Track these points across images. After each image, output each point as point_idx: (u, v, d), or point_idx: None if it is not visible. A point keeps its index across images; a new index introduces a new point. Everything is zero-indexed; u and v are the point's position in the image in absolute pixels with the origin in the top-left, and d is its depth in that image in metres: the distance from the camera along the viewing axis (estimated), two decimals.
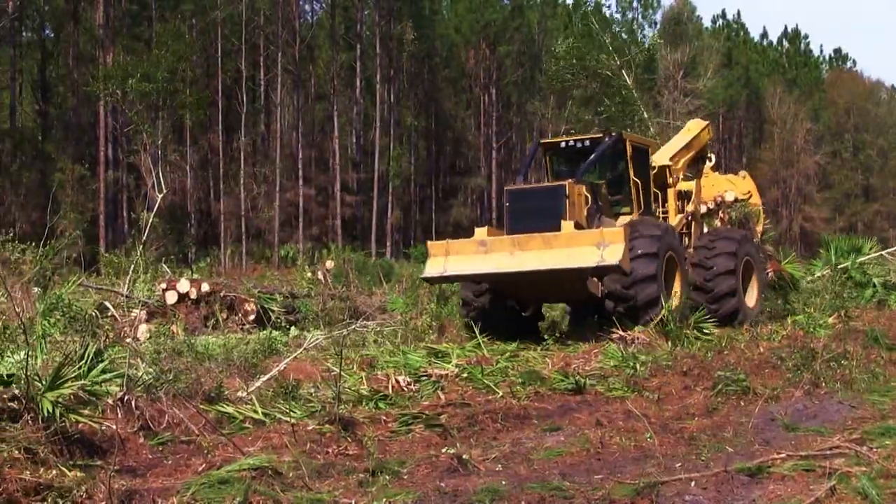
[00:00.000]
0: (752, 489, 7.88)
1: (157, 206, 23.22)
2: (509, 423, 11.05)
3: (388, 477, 8.56)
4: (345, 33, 75.70)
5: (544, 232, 17.17)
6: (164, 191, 27.50)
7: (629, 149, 19.53)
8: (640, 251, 17.22)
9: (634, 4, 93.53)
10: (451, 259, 17.74)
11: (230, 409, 10.98)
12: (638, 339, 16.49)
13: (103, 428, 9.51)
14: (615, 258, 16.46)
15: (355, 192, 73.30)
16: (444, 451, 9.59)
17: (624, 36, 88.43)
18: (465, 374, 13.37)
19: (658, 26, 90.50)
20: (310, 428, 10.39)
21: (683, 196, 21.31)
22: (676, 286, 18.55)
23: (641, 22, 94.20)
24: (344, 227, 68.95)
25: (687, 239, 20.90)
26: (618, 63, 33.95)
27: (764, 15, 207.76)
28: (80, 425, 9.29)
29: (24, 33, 65.81)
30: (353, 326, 12.46)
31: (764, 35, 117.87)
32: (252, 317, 18.49)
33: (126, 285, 19.29)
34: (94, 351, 10.59)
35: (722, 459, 8.72)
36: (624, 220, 18.92)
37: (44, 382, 9.30)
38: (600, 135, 19.79)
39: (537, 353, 16.03)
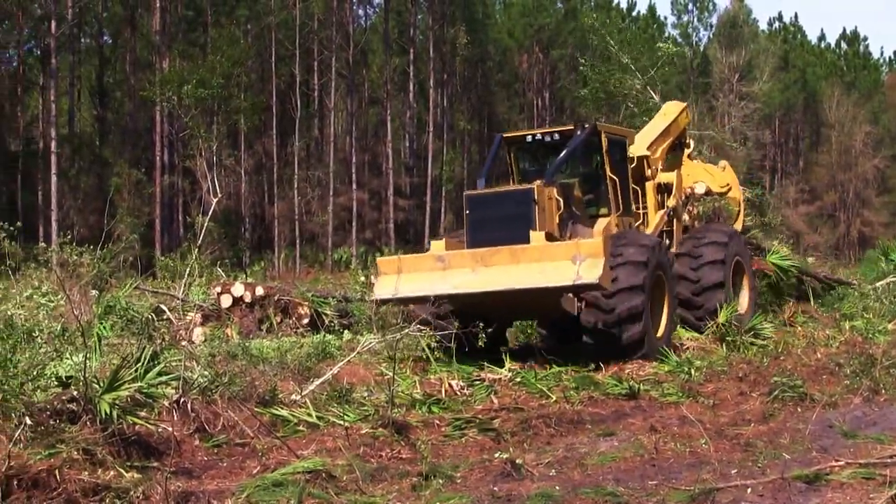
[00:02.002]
0: (810, 497, 7.79)
1: (212, 210, 23.41)
2: (563, 427, 11.02)
3: (441, 481, 8.57)
4: (398, 37, 75.86)
5: (511, 244, 14.98)
6: (219, 195, 27.72)
7: (605, 142, 17.23)
8: (622, 284, 14.96)
9: (690, 7, 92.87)
10: (404, 278, 15.37)
11: (284, 413, 11.04)
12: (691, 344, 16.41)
13: (159, 430, 9.60)
14: (593, 276, 14.15)
15: (408, 196, 73.38)
16: (497, 455, 9.58)
17: (679, 39, 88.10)
18: (518, 379, 13.35)
19: (712, 29, 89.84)
20: (363, 431, 10.42)
21: (663, 189, 19.08)
22: (664, 310, 16.32)
23: (696, 25, 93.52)
24: (397, 230, 69.03)
25: (668, 239, 18.61)
26: (642, 80, 33.62)
27: (822, 17, 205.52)
28: (136, 427, 9.39)
29: (82, 40, 66.67)
30: (407, 330, 12.44)
31: (822, 37, 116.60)
32: (306, 320, 18.54)
33: (181, 289, 19.44)
34: (150, 354, 10.69)
35: (779, 466, 8.63)
36: (601, 223, 16.38)
37: (101, 384, 9.41)
38: (571, 127, 17.39)
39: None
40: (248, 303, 18.58)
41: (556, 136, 17.28)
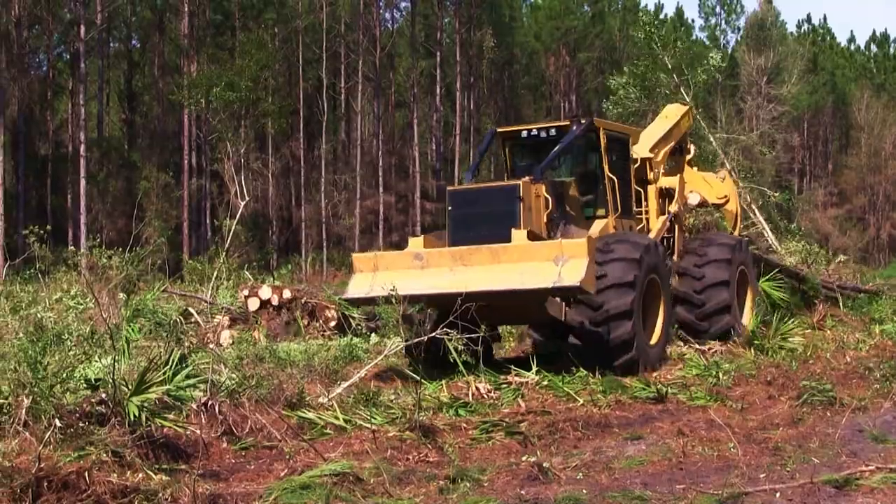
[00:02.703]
0: (840, 502, 7.74)
1: (239, 213, 23.49)
2: (590, 431, 10.99)
3: (468, 484, 8.56)
4: (425, 41, 75.94)
5: (493, 243, 14.20)
6: (247, 198, 27.82)
7: (603, 139, 16.35)
8: (612, 280, 14.21)
9: (717, 10, 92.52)
10: (379, 276, 14.46)
11: (311, 415, 11.07)
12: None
13: (187, 432, 9.65)
14: (575, 278, 13.27)
15: (435, 199, 73.37)
16: (524, 458, 9.56)
17: (706, 41, 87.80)
18: (545, 382, 13.31)
19: (740, 32, 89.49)
20: (390, 434, 10.43)
21: (665, 194, 18.20)
22: (658, 318, 15.60)
23: (724, 27, 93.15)
24: (424, 233, 69.01)
25: (670, 245, 17.92)
26: (676, 81, 33.52)
27: (851, 19, 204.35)
28: (164, 429, 9.44)
29: (111, 44, 67.20)
30: (433, 333, 12.41)
31: (851, 39, 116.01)
32: (333, 323, 18.57)
33: (209, 292, 19.52)
34: (178, 356, 10.76)
35: (808, 471, 8.57)
36: (598, 225, 15.83)
37: (130, 387, 9.47)
38: (567, 122, 16.51)
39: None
40: (275, 306, 18.63)
41: (553, 132, 16.42)
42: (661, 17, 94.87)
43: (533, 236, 14.51)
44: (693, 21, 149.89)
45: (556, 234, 15.12)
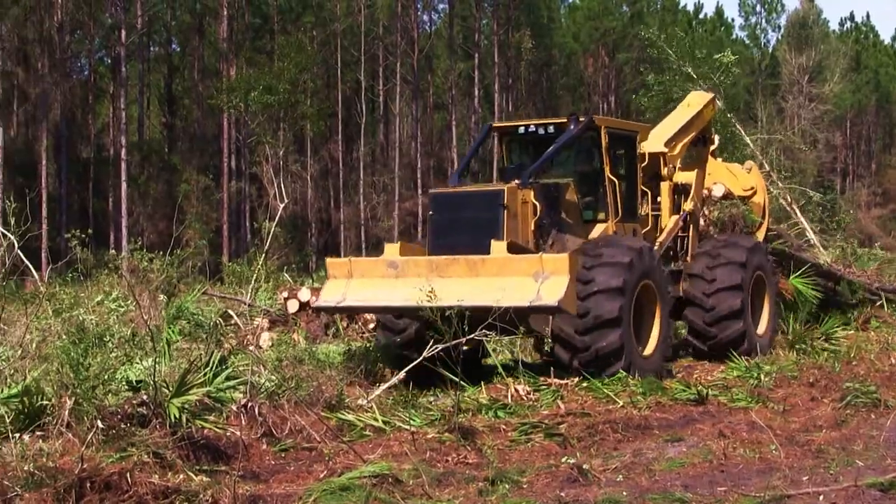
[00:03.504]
0: None
1: (278, 215, 23.53)
2: (630, 433, 10.94)
3: (507, 486, 8.54)
4: (463, 42, 75.95)
5: (473, 253, 13.20)
6: (286, 201, 27.89)
7: (605, 138, 15.21)
8: (599, 286, 13.29)
9: (758, 9, 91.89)
10: (354, 284, 13.69)
11: (351, 417, 11.10)
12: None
13: (228, 434, 9.70)
14: (553, 297, 12.37)
15: None
16: (563, 460, 9.54)
17: (746, 41, 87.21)
18: (584, 384, 13.26)
19: (781, 30, 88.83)
20: (429, 436, 10.44)
21: (680, 190, 17.13)
22: (654, 327, 14.51)
23: (765, 26, 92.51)
24: None
25: (683, 245, 16.98)
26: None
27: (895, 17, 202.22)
28: (205, 431, 9.49)
29: (151, 48, 67.72)
30: (472, 335, 12.33)
31: (895, 37, 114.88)
32: (372, 325, 18.59)
33: (249, 294, 19.59)
34: (218, 358, 10.82)
35: (851, 473, 8.49)
36: (597, 230, 14.98)
37: (171, 389, 9.53)
38: (564, 120, 15.44)
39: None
40: (314, 308, 18.66)
41: (551, 129, 15.28)
42: (701, 16, 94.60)
43: (516, 248, 13.48)
44: (733, 20, 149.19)
45: (547, 243, 14.22)
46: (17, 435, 8.75)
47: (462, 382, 12.03)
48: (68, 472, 7.65)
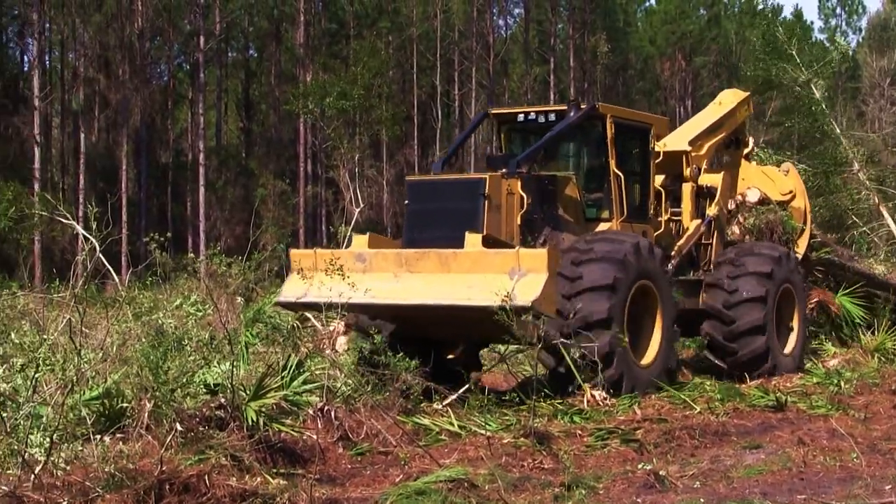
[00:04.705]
0: None
1: (354, 220, 23.70)
2: (707, 439, 10.84)
3: (583, 492, 8.50)
4: (538, 47, 75.84)
5: (451, 247, 12.01)
6: (361, 205, 28.07)
7: (610, 128, 14.01)
8: (587, 283, 12.32)
9: (838, 11, 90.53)
10: (318, 278, 12.48)
11: (427, 421, 11.12)
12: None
13: (304, 437, 9.77)
14: (528, 297, 11.15)
15: None
16: (640, 466, 9.49)
17: (826, 43, 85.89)
18: (661, 390, 13.16)
19: (861, 33, 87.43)
20: (505, 441, 10.43)
21: (705, 193, 15.99)
22: (655, 335, 13.42)
23: (845, 29, 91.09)
24: None
25: (706, 253, 15.88)
26: (805, 76, 32.68)
27: None
28: (282, 434, 9.58)
29: (229, 54, 68.56)
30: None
31: None
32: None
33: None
34: (295, 362, 10.90)
35: None
36: (600, 229, 13.91)
37: (248, 392, 9.63)
38: (564, 107, 14.41)
39: None
40: None
41: (552, 117, 14.18)
42: (780, 18, 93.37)
43: (494, 242, 12.25)
44: (812, 23, 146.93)
45: (538, 241, 13.02)
46: (99, 437, 8.90)
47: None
48: (148, 473, 7.76)
